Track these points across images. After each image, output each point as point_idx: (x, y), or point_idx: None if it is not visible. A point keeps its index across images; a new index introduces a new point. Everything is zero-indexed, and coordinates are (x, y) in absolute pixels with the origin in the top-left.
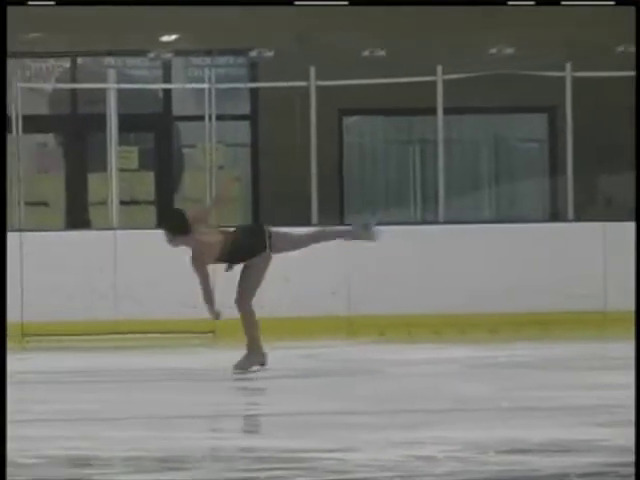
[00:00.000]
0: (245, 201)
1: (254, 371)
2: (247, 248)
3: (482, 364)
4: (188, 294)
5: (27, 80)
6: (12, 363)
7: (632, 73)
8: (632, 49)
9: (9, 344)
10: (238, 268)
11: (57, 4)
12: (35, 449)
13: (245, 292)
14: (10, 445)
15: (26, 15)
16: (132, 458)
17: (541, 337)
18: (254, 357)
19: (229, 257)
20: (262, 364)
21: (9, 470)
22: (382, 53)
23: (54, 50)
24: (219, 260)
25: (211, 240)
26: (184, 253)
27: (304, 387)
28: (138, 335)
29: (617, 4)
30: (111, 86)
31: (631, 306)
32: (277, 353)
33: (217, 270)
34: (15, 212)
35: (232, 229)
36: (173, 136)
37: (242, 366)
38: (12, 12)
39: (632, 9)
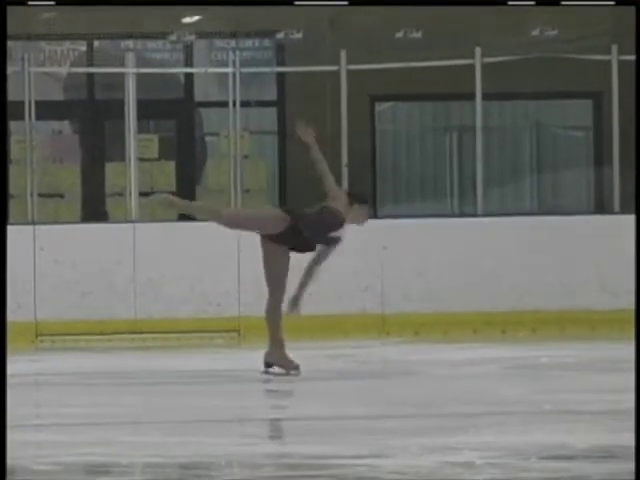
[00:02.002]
0: (272, 192)
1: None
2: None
3: (523, 365)
4: (211, 291)
5: (41, 64)
6: (25, 364)
7: None
8: None
9: (21, 344)
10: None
11: (57, 4)
12: (51, 455)
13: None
14: (25, 451)
15: None
16: (153, 464)
17: (586, 337)
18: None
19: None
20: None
21: (24, 477)
22: (417, 35)
23: (70, 32)
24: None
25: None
26: (207, 247)
27: (334, 390)
28: (158, 335)
29: (617, 4)
30: (130, 70)
31: None
32: (305, 353)
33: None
34: (28, 204)
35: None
36: (195, 123)
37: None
38: None
39: (632, 9)
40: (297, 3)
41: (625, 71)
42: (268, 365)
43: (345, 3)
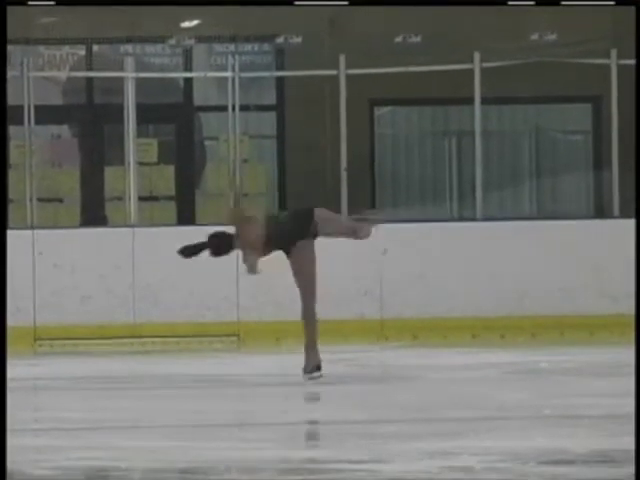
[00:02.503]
0: (271, 196)
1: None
2: (290, 233)
3: (523, 369)
4: (210, 295)
5: (40, 68)
6: (24, 369)
7: None
8: None
9: (20, 348)
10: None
11: (57, 4)
12: (50, 460)
13: (303, 293)
14: (24, 456)
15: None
16: (152, 469)
17: (585, 341)
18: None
19: (276, 245)
20: (319, 368)
21: None
22: (416, 39)
23: (69, 36)
24: (267, 251)
25: (251, 237)
26: (205, 252)
27: (333, 394)
28: (158, 339)
29: (617, 4)
30: (129, 75)
31: None
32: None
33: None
34: (27, 208)
35: (275, 215)
36: (194, 128)
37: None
38: None
39: (632, 9)
40: (297, 3)
41: (624, 75)
42: (318, 368)
43: (345, 3)
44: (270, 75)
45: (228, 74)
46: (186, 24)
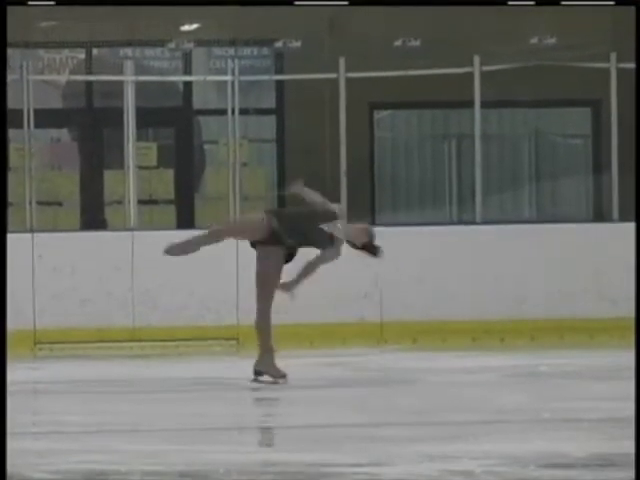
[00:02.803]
0: (271, 199)
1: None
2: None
3: (522, 373)
4: (210, 299)
5: (40, 72)
6: (24, 372)
7: None
8: None
9: (20, 351)
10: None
11: (57, 4)
12: (50, 463)
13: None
14: (24, 459)
15: (38, 3)
16: (151, 472)
17: (585, 345)
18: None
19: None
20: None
21: None
22: (416, 43)
23: (68, 40)
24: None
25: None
26: (205, 255)
27: (333, 397)
28: (157, 343)
29: (617, 4)
30: (129, 78)
31: None
32: (305, 361)
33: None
34: (27, 212)
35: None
36: (194, 131)
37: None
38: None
39: (632, 9)
40: (297, 3)
41: (624, 79)
42: (258, 373)
43: (345, 3)
44: (269, 79)
45: (227, 78)
46: (186, 28)
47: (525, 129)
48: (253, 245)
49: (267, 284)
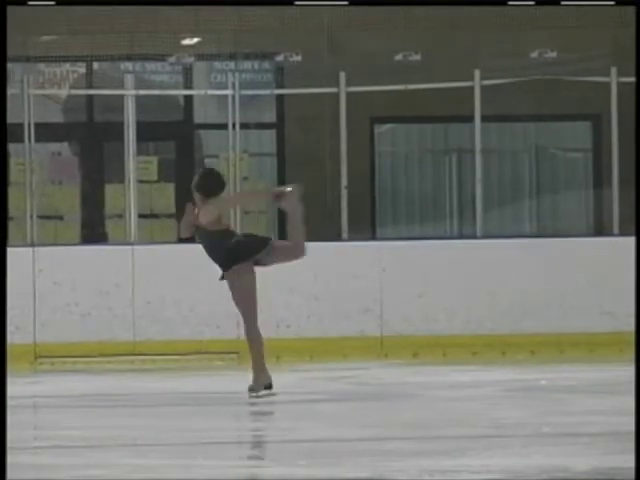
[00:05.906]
0: (271, 214)
1: (263, 395)
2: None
3: (522, 387)
4: (210, 313)
5: (40, 86)
6: (24, 387)
7: None
8: None
9: (21, 366)
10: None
11: (57, 4)
12: (50, 478)
13: (243, 313)
14: (24, 474)
15: (38, 17)
16: None
17: (585, 359)
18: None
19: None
20: (270, 387)
21: None
22: (417, 57)
23: (69, 54)
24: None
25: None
26: (205, 270)
27: (333, 411)
28: (157, 357)
29: (617, 4)
30: (129, 92)
31: None
32: (305, 375)
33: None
34: (27, 226)
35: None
36: (195, 145)
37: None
38: (24, 14)
39: (632, 9)
40: (297, 3)
41: (624, 93)
42: (268, 387)
43: (345, 3)
44: (270, 93)
45: (228, 92)
46: (186, 42)
47: (525, 143)
48: (222, 278)
49: (246, 301)
